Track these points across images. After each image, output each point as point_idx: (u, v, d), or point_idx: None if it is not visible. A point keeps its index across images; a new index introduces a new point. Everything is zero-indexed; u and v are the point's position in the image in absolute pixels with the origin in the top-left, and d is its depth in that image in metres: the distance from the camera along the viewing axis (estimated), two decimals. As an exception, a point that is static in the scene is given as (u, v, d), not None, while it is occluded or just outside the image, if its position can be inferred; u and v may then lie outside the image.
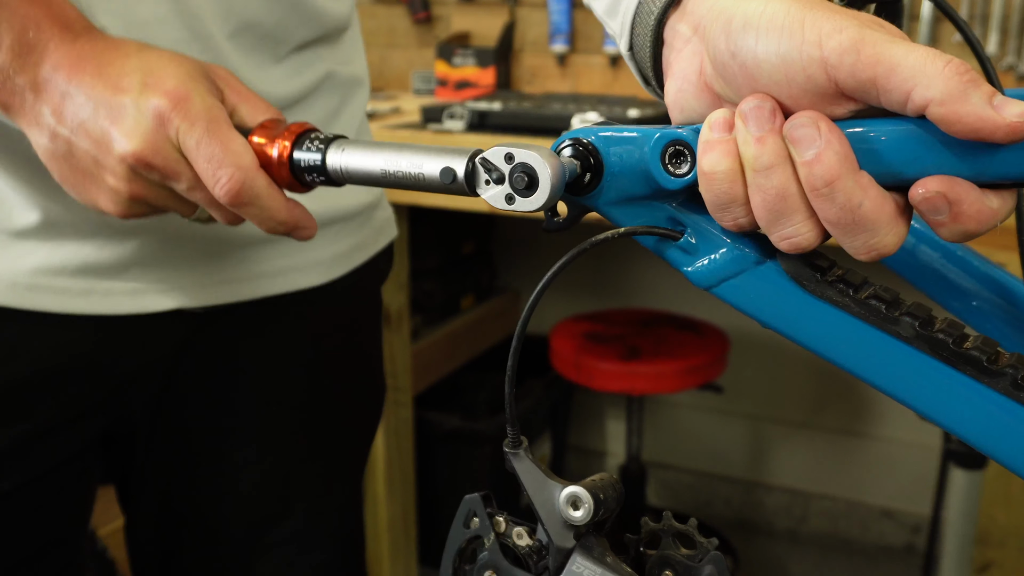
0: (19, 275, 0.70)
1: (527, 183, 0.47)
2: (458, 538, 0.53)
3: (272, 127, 0.58)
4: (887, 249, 0.42)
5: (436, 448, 2.13)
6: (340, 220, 0.83)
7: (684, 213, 0.48)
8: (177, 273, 0.75)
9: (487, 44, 2.27)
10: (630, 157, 0.47)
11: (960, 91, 0.38)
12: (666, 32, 0.50)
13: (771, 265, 0.46)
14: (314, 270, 0.82)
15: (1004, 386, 0.42)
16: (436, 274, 2.21)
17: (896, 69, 0.39)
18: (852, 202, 0.41)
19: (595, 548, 0.49)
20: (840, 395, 2.40)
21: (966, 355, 0.42)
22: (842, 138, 0.42)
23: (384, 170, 0.53)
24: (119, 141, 0.56)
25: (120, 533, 0.92)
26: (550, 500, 0.49)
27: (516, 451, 0.50)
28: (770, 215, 0.43)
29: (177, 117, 0.55)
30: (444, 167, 0.50)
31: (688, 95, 0.48)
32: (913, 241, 0.59)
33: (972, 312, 0.58)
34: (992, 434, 0.42)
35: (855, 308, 0.44)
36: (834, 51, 0.41)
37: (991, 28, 1.89)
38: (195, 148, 0.55)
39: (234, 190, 0.55)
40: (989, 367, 0.42)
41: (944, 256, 0.59)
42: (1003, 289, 0.57)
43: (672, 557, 0.51)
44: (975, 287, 0.58)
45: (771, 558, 2.44)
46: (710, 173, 0.44)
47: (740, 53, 0.44)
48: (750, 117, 0.43)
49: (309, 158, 0.56)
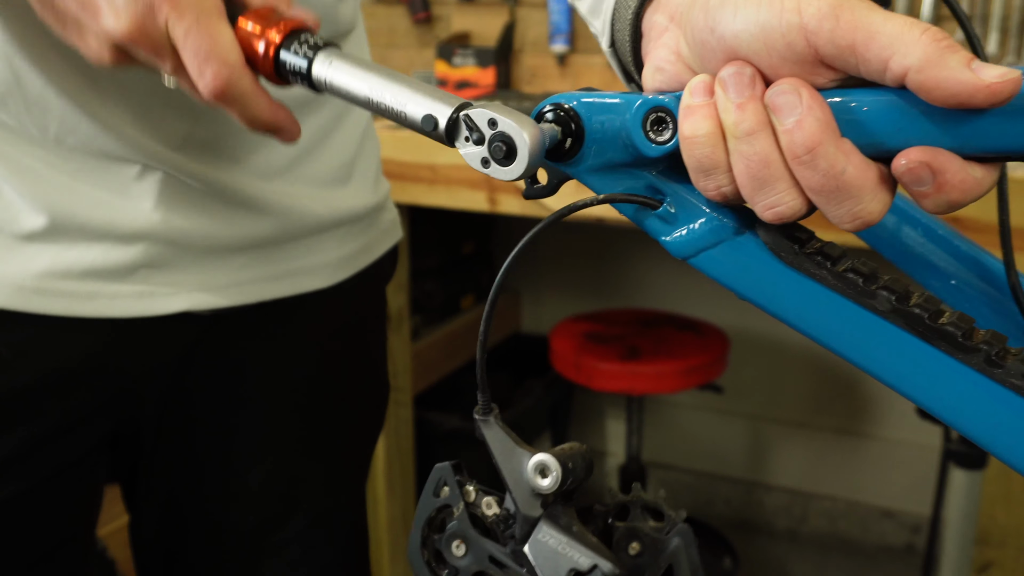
0: (26, 278, 0.70)
1: (505, 153, 0.46)
2: (428, 507, 0.53)
3: (266, 16, 0.55)
4: (872, 216, 0.42)
5: (436, 448, 2.13)
6: (346, 223, 0.83)
7: (664, 182, 0.47)
8: (184, 276, 0.75)
9: (487, 44, 2.27)
10: (611, 124, 0.47)
11: (937, 56, 0.38)
12: (644, 24, 0.50)
13: (750, 236, 0.45)
14: (321, 272, 0.82)
15: (978, 362, 0.41)
16: (436, 274, 2.22)
17: (874, 36, 0.39)
18: (835, 168, 0.41)
19: (562, 517, 0.49)
20: (840, 395, 2.41)
21: (941, 330, 0.42)
22: (823, 105, 0.41)
23: (368, 97, 0.51)
24: (107, 17, 0.54)
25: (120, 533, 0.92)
26: (518, 468, 0.49)
27: (486, 418, 0.50)
28: (753, 182, 0.43)
29: (167, 4, 0.54)
30: (427, 114, 0.48)
31: (666, 73, 0.48)
32: (895, 220, 0.59)
33: (951, 291, 0.58)
34: (965, 410, 0.42)
35: (832, 281, 0.44)
36: (813, 16, 0.40)
37: (991, 28, 1.89)
38: (183, 38, 0.54)
39: (219, 88, 0.54)
40: (964, 343, 0.42)
41: (925, 235, 0.58)
42: (983, 269, 0.57)
43: (640, 529, 0.50)
44: (955, 266, 0.58)
45: (771, 558, 2.44)
46: (691, 137, 0.44)
47: (719, 26, 0.43)
48: (729, 83, 0.43)
49: (295, 62, 0.54)
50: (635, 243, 2.46)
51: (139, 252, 0.73)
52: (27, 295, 0.70)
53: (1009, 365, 0.41)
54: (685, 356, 2.03)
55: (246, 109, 0.56)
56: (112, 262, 0.72)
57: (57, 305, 0.71)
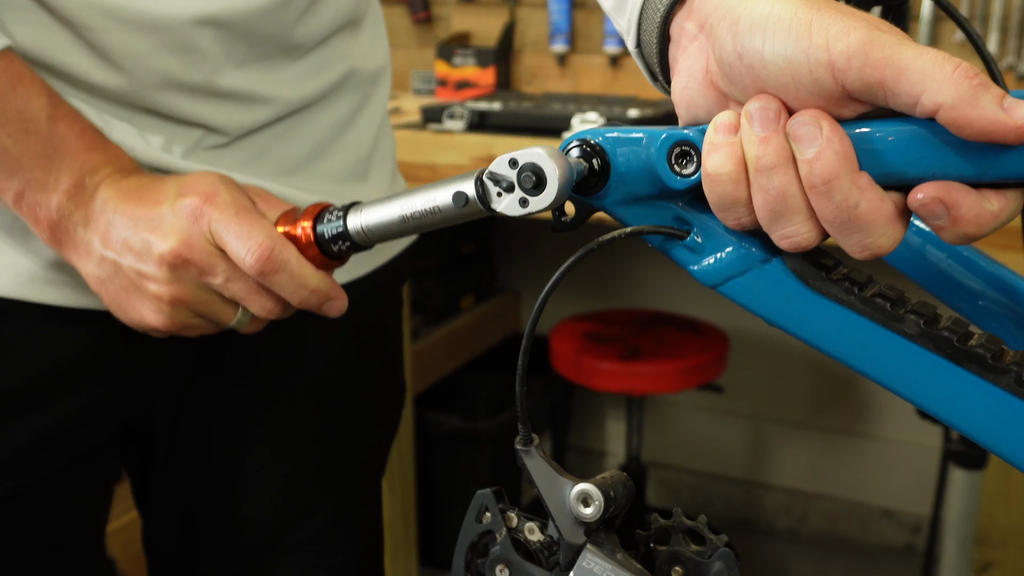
0: (38, 268, 0.70)
1: (535, 182, 0.48)
2: (470, 532, 0.54)
3: (291, 214, 0.63)
4: (881, 250, 0.43)
5: (436, 448, 2.13)
6: None
7: (690, 212, 0.48)
8: None
9: (487, 44, 2.27)
10: (636, 158, 0.48)
11: (970, 95, 0.39)
12: (672, 29, 0.50)
13: (776, 263, 0.46)
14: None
15: (1008, 383, 0.42)
16: (436, 274, 2.21)
17: (905, 73, 0.40)
18: (849, 202, 0.42)
19: (605, 544, 0.50)
20: (840, 395, 2.41)
21: (970, 352, 0.43)
22: (844, 138, 0.42)
23: (402, 216, 0.56)
24: (157, 244, 0.61)
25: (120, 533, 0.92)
26: (561, 497, 0.50)
27: (528, 448, 0.51)
28: (771, 215, 0.44)
29: (208, 208, 0.61)
30: (455, 193, 0.52)
31: (694, 92, 0.49)
32: (920, 242, 0.59)
33: (979, 312, 0.58)
34: (996, 430, 0.43)
35: (860, 306, 0.45)
36: (842, 54, 0.41)
37: (991, 28, 1.89)
38: (224, 231, 0.60)
39: (264, 256, 0.60)
40: (993, 364, 0.42)
41: (950, 256, 0.59)
42: (1009, 289, 0.58)
43: (682, 553, 0.51)
44: (981, 287, 0.58)
45: (771, 558, 2.44)
46: (714, 175, 0.44)
47: (747, 54, 0.44)
48: (756, 117, 0.43)
49: (331, 229, 0.61)
50: (635, 243, 2.45)
51: None
52: (39, 285, 0.70)
53: None
54: (685, 356, 2.03)
55: (295, 276, 0.62)
56: None
57: (68, 296, 0.71)
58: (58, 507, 0.77)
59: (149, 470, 0.85)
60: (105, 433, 0.78)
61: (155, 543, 0.89)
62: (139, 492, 0.88)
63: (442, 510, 2.15)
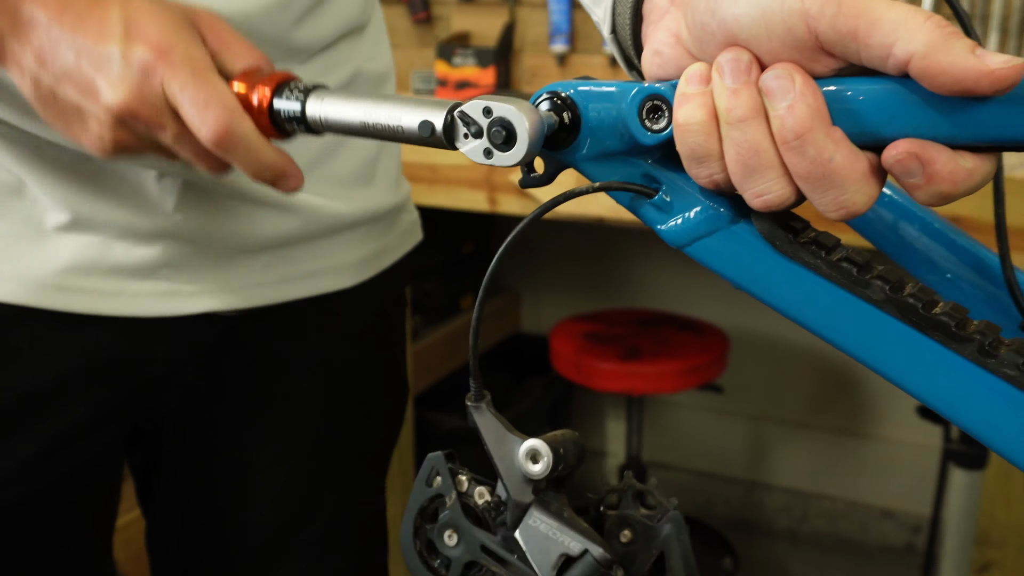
0: (48, 275, 0.70)
1: (505, 137, 0.46)
2: (420, 497, 0.53)
3: (253, 74, 0.57)
4: (857, 207, 0.42)
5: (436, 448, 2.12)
6: (367, 222, 0.83)
7: (660, 170, 0.47)
8: (207, 276, 0.75)
9: (487, 44, 2.27)
10: (608, 112, 0.47)
11: (942, 42, 0.38)
12: (644, 7, 0.50)
13: (744, 225, 0.46)
14: (342, 273, 0.82)
15: (971, 352, 0.42)
16: (436, 274, 2.22)
17: (877, 23, 0.39)
18: (823, 156, 0.41)
19: (553, 503, 0.49)
20: (840, 395, 2.41)
21: (934, 320, 0.42)
22: (816, 91, 0.41)
23: (363, 122, 0.52)
24: (105, 91, 0.55)
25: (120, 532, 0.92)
26: (510, 454, 0.49)
27: (478, 404, 0.51)
28: (743, 170, 0.43)
29: (162, 66, 0.55)
30: (423, 120, 0.49)
31: (664, 57, 0.48)
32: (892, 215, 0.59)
33: (947, 285, 0.58)
34: (958, 400, 0.42)
35: (826, 270, 0.44)
36: (815, 2, 0.40)
37: (991, 28, 1.89)
38: (179, 93, 0.55)
39: (220, 131, 0.55)
40: (957, 332, 0.42)
41: (921, 229, 0.59)
42: (979, 263, 0.57)
43: (631, 516, 0.50)
44: (951, 260, 0.58)
45: (771, 558, 2.44)
46: (685, 125, 0.44)
47: (720, 9, 0.43)
48: (726, 69, 0.43)
49: (289, 107, 0.56)
50: (635, 243, 2.46)
51: (161, 251, 0.72)
52: (49, 291, 0.70)
53: (1002, 355, 0.42)
54: (685, 356, 2.03)
55: (250, 152, 0.56)
56: (135, 260, 0.72)
57: (79, 302, 0.71)
58: (66, 511, 0.77)
59: (153, 471, 0.85)
60: (113, 438, 0.78)
61: (158, 543, 0.89)
62: (143, 492, 0.88)
63: (442, 510, 2.15)
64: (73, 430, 0.74)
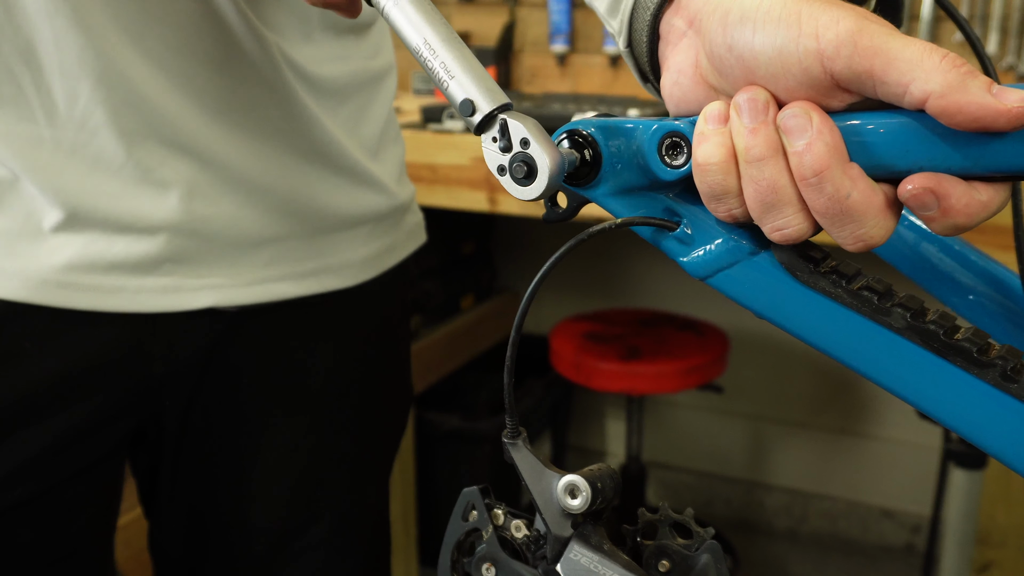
0: (48, 272, 0.70)
1: (525, 173, 0.47)
2: (456, 531, 0.54)
3: None
4: (874, 240, 0.43)
5: (436, 448, 2.13)
6: (371, 221, 0.83)
7: (680, 204, 0.48)
8: (209, 271, 0.74)
9: (487, 44, 2.27)
10: (628, 148, 0.48)
11: (959, 82, 0.39)
12: (662, 27, 0.51)
13: (765, 256, 0.46)
14: (346, 271, 0.82)
15: (993, 377, 0.42)
16: (436, 274, 2.21)
17: (893, 62, 0.40)
18: (840, 193, 0.41)
19: (592, 536, 0.50)
20: (840, 395, 2.40)
21: (956, 346, 0.43)
22: (833, 129, 0.42)
23: (419, 50, 0.49)
24: None
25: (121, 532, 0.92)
26: (548, 489, 0.50)
27: (515, 441, 0.51)
28: (762, 207, 0.44)
29: None
30: (467, 99, 0.48)
31: (684, 88, 0.49)
32: (914, 237, 0.60)
33: (970, 306, 0.58)
34: (981, 424, 0.43)
35: (847, 299, 0.44)
36: (831, 43, 0.41)
37: (991, 28, 1.89)
38: None
39: None
40: (979, 358, 0.42)
41: (942, 251, 0.59)
42: (999, 284, 0.58)
43: (669, 547, 0.51)
44: (972, 282, 0.58)
45: (771, 558, 2.44)
46: (704, 164, 0.44)
47: (737, 45, 0.44)
48: (744, 108, 0.43)
49: None
50: (635, 243, 2.46)
51: (164, 245, 0.72)
52: (50, 289, 0.70)
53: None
54: (685, 356, 2.03)
55: None
56: (136, 255, 0.72)
57: (80, 299, 0.71)
58: (69, 512, 0.77)
59: (156, 474, 0.84)
60: (116, 439, 0.78)
61: (162, 547, 0.89)
62: (146, 496, 0.88)
63: (442, 510, 2.15)
64: (75, 430, 0.74)
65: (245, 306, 0.77)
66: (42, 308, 0.70)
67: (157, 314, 0.74)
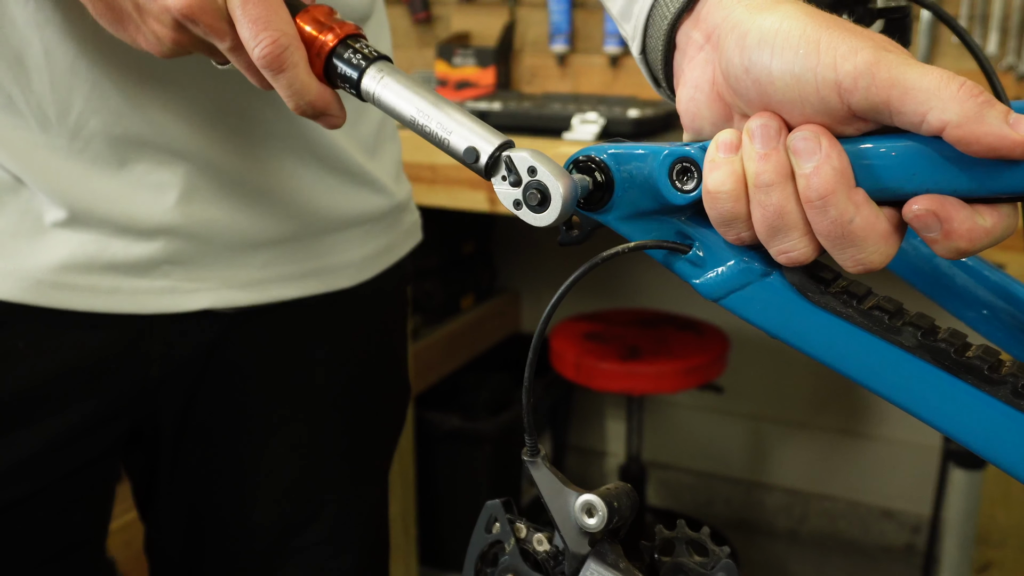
0: (44, 272, 0.70)
1: (539, 200, 0.48)
2: (480, 542, 0.55)
3: (320, 19, 0.56)
4: (873, 265, 0.43)
5: (436, 448, 2.13)
6: (368, 221, 0.83)
7: (692, 227, 0.49)
8: (207, 272, 0.74)
9: (487, 44, 2.27)
10: (639, 173, 0.49)
11: (976, 112, 0.39)
12: (679, 37, 0.51)
13: (776, 277, 0.47)
14: (344, 272, 0.82)
15: (1005, 394, 0.43)
16: (436, 274, 2.21)
17: (910, 92, 0.40)
18: (844, 218, 0.42)
19: (609, 555, 0.51)
20: (840, 395, 2.41)
21: (967, 364, 0.43)
22: (841, 154, 0.43)
23: (413, 119, 0.52)
24: None
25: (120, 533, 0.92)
26: (566, 507, 0.51)
27: (534, 459, 0.52)
28: (769, 230, 0.44)
29: None
30: (470, 147, 0.50)
31: (700, 103, 0.49)
32: (928, 252, 0.60)
33: (983, 321, 0.59)
34: (993, 441, 0.43)
35: (858, 318, 0.45)
36: (848, 74, 0.41)
37: (991, 28, 1.89)
38: (240, 8, 0.54)
39: (273, 54, 0.54)
40: (990, 375, 0.43)
41: (956, 265, 0.60)
42: (1013, 298, 0.58)
43: (685, 564, 0.52)
44: (986, 296, 0.59)
45: (771, 558, 2.44)
46: (715, 192, 0.45)
47: (754, 69, 0.44)
48: (757, 135, 0.44)
49: (346, 71, 0.55)
50: (635, 243, 2.45)
51: (161, 247, 0.72)
52: (44, 289, 0.70)
53: None
54: (685, 356, 2.03)
55: (296, 82, 0.55)
56: (133, 257, 0.72)
57: (76, 300, 0.71)
58: (64, 512, 0.77)
59: (153, 474, 0.84)
60: (111, 439, 0.78)
61: (159, 547, 0.89)
62: (141, 496, 0.88)
63: (442, 510, 2.15)
64: (70, 430, 0.74)
65: (243, 307, 0.77)
66: (37, 309, 0.70)
67: (154, 315, 0.74)
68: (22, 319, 0.71)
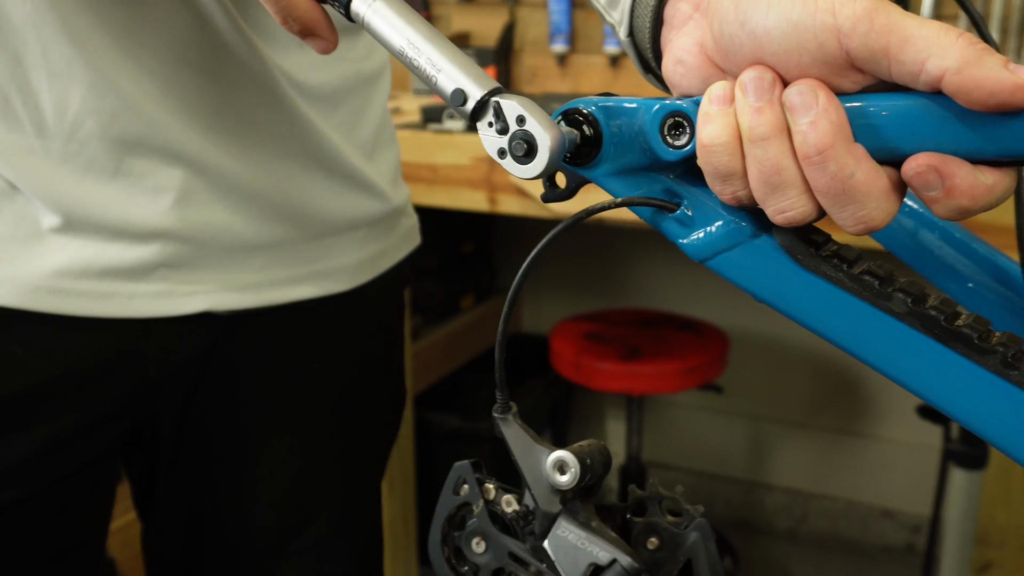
0: (41, 278, 0.70)
1: (525, 151, 0.46)
2: (447, 505, 0.54)
3: None
4: (875, 223, 0.42)
5: (436, 448, 2.13)
6: (366, 225, 0.83)
7: (681, 185, 0.48)
8: (204, 276, 0.74)
9: (487, 44, 2.27)
10: (629, 128, 0.47)
11: (975, 57, 0.38)
12: (666, 12, 0.50)
13: (766, 239, 0.46)
14: (341, 275, 0.82)
15: (994, 364, 0.42)
16: (436, 274, 2.22)
17: (910, 39, 0.39)
18: (843, 172, 0.41)
19: (581, 513, 0.49)
20: (840, 395, 2.41)
21: (957, 332, 0.42)
22: (839, 107, 0.42)
23: (403, 51, 0.49)
24: None
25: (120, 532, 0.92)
26: (537, 465, 0.50)
27: (505, 416, 0.51)
28: (765, 187, 0.43)
29: None
30: (458, 88, 0.48)
31: (687, 66, 0.48)
32: (912, 224, 0.59)
33: (968, 294, 0.58)
34: (981, 412, 0.42)
35: (848, 283, 0.44)
36: (848, 18, 0.40)
37: (991, 28, 1.89)
38: None
39: None
40: (980, 345, 0.42)
41: (942, 238, 0.59)
42: (1000, 271, 0.58)
43: (658, 524, 0.51)
44: (972, 269, 0.58)
45: (771, 558, 2.44)
46: (709, 145, 0.44)
47: (750, 21, 0.43)
48: (749, 87, 0.43)
49: None
50: (635, 243, 2.46)
51: (157, 251, 0.72)
52: (41, 295, 0.70)
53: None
54: (685, 356, 2.03)
55: None
56: (130, 261, 0.71)
57: (73, 305, 0.71)
58: (63, 513, 0.77)
59: (152, 475, 0.84)
60: (110, 441, 0.78)
61: (157, 548, 0.88)
62: (140, 497, 0.87)
63: (442, 510, 2.15)
64: (68, 433, 0.74)
65: (239, 311, 0.77)
66: (35, 314, 0.70)
67: (151, 319, 0.74)
68: (20, 325, 0.70)
